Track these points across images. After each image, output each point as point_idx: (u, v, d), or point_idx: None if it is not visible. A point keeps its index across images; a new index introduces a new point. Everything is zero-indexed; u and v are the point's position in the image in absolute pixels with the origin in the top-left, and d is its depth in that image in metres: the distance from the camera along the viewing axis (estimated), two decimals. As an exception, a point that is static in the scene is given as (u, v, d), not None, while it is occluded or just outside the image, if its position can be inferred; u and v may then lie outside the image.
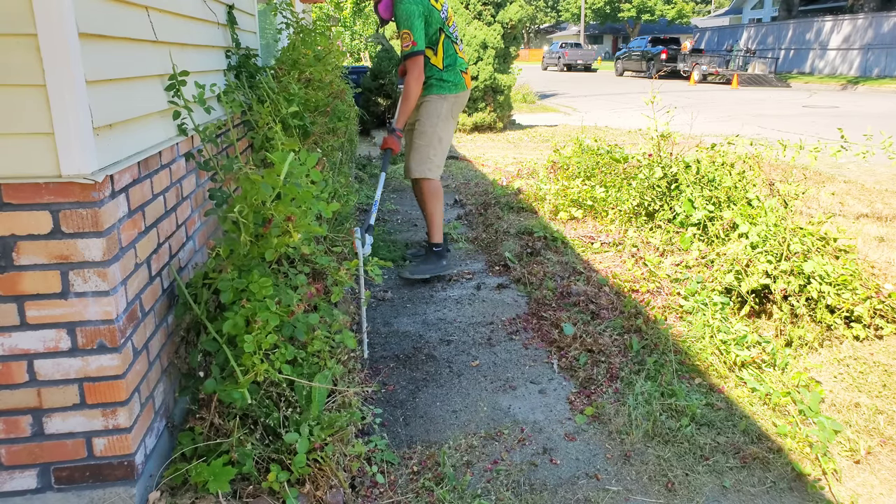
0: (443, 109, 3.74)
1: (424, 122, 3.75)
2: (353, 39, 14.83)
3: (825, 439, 2.17)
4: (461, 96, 3.81)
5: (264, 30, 3.92)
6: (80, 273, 1.53)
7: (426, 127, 3.74)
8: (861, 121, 10.77)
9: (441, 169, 3.82)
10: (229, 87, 2.73)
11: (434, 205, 3.80)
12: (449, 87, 3.73)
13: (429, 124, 3.74)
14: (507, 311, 3.36)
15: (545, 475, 2.10)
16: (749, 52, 27.75)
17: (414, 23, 3.48)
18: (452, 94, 3.75)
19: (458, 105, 3.83)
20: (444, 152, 3.81)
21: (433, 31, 3.63)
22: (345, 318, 2.30)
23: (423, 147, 3.74)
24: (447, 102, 3.75)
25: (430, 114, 3.74)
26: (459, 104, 3.84)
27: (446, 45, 3.69)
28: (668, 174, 4.37)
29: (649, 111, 4.72)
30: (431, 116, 3.74)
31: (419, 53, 3.52)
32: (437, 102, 3.74)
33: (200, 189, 2.38)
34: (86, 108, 1.47)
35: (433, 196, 3.79)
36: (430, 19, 3.58)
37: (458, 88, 3.76)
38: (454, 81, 3.73)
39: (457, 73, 3.74)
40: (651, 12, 50.74)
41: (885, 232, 4.57)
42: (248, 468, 1.78)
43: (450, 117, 3.79)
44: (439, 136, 3.75)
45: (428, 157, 3.74)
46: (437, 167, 3.79)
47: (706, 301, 3.13)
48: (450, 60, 3.71)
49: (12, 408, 1.58)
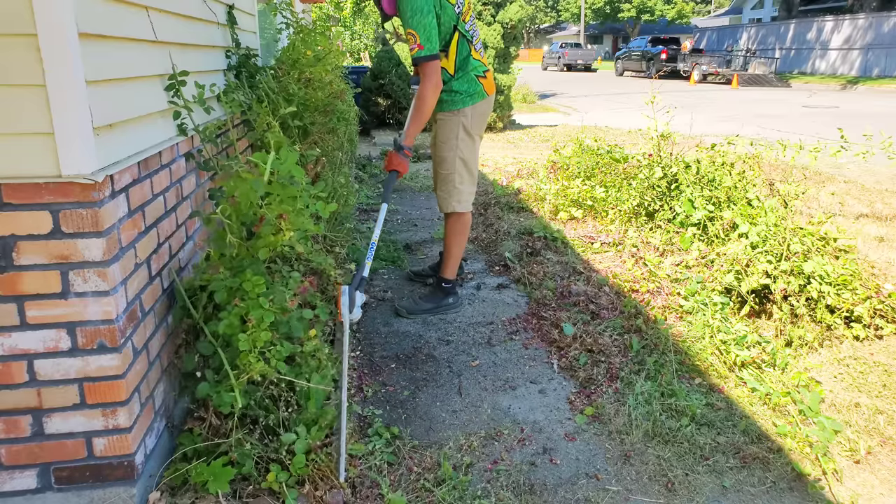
0: (459, 128, 3.17)
1: (441, 147, 3.23)
2: (353, 39, 14.84)
3: (825, 439, 2.17)
4: (480, 106, 3.20)
5: (264, 30, 3.92)
6: (80, 273, 1.53)
7: (444, 152, 3.22)
8: (861, 121, 10.76)
9: (472, 197, 3.32)
10: (229, 87, 2.73)
11: (456, 241, 3.33)
12: (462, 100, 3.14)
13: (447, 148, 3.21)
14: (507, 311, 3.36)
15: (545, 475, 2.10)
16: (749, 52, 27.77)
17: (422, 21, 2.87)
18: (468, 107, 3.15)
19: (480, 117, 3.22)
20: (472, 177, 3.29)
21: (446, 29, 3.02)
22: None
23: (447, 176, 3.24)
24: (464, 118, 3.16)
25: (446, 136, 3.20)
26: (480, 115, 3.23)
27: (460, 45, 3.08)
28: (668, 174, 4.37)
29: (649, 111, 4.72)
30: (449, 138, 3.19)
31: (431, 58, 2.90)
32: (451, 120, 3.17)
33: (200, 189, 2.38)
34: (86, 108, 1.47)
35: (457, 233, 3.32)
36: (442, 15, 2.97)
37: (474, 98, 3.15)
38: (468, 91, 3.13)
39: (471, 79, 3.14)
40: (651, 12, 50.75)
41: (885, 232, 4.57)
42: (248, 468, 1.78)
43: (470, 134, 3.21)
44: (462, 159, 3.22)
45: (454, 188, 3.24)
46: (467, 196, 3.29)
47: (706, 301, 3.13)
48: (461, 63, 3.11)
49: (12, 408, 1.58)
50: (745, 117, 12.11)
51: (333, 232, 3.46)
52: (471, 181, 3.29)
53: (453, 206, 3.27)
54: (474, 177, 3.31)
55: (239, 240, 1.94)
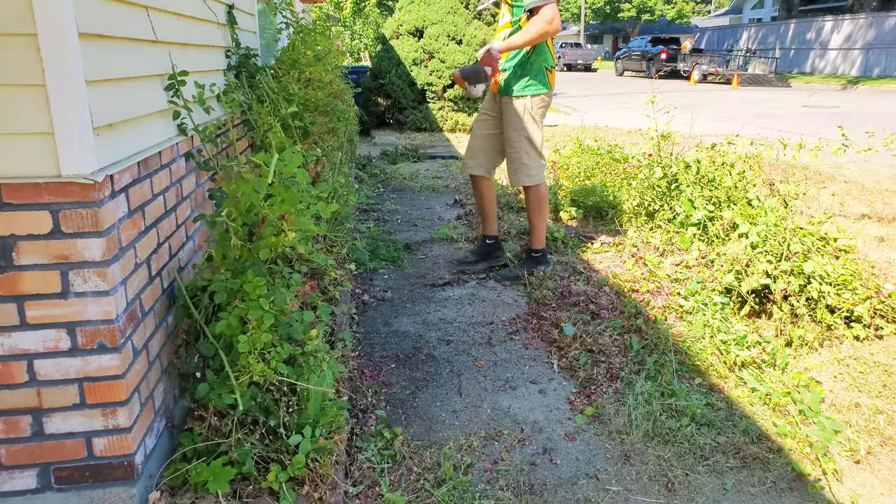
0: (525, 113, 3.50)
1: (507, 128, 3.56)
2: (353, 39, 14.84)
3: (825, 439, 2.17)
4: (546, 98, 3.55)
5: (264, 30, 3.92)
6: (80, 273, 1.53)
7: (510, 132, 3.55)
8: (862, 120, 10.76)
9: (543, 170, 3.63)
10: (229, 87, 2.73)
11: (535, 213, 3.66)
12: (535, 86, 3.49)
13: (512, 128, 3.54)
14: (507, 311, 3.36)
15: (545, 475, 2.10)
16: (749, 52, 27.76)
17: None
18: (539, 95, 3.50)
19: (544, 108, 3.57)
20: (539, 154, 3.58)
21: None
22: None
23: (513, 155, 3.58)
24: (532, 102, 3.50)
25: (509, 118, 3.52)
26: (545, 107, 3.56)
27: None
28: (668, 174, 4.37)
29: (649, 111, 4.72)
30: (513, 120, 3.52)
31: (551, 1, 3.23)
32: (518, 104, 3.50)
33: (200, 189, 2.38)
34: (86, 108, 1.46)
35: (534, 204, 3.65)
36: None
37: (542, 88, 3.49)
38: (541, 80, 3.49)
39: (541, 70, 3.47)
40: (651, 12, 50.75)
41: (886, 232, 4.57)
42: (248, 468, 1.78)
43: (536, 120, 3.54)
44: (528, 138, 3.54)
45: (522, 164, 3.58)
46: (536, 170, 3.58)
47: (706, 301, 3.13)
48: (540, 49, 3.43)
49: (12, 408, 1.58)
50: (745, 117, 12.10)
51: (333, 232, 3.46)
52: (538, 157, 3.59)
53: (522, 180, 3.61)
54: (542, 155, 3.62)
55: (241, 241, 1.94)
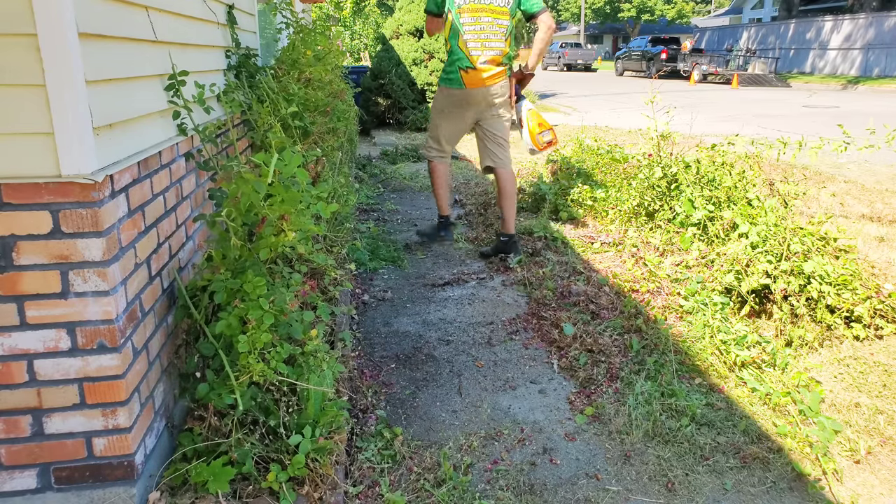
0: (435, 100, 4.16)
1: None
2: (353, 39, 14.83)
3: (825, 439, 2.17)
4: (455, 93, 3.94)
5: (264, 29, 3.92)
6: (80, 273, 1.53)
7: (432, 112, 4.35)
8: (862, 120, 10.71)
9: (435, 153, 4.16)
10: (229, 87, 2.73)
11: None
12: (442, 78, 3.99)
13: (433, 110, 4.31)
14: (507, 311, 3.36)
15: (545, 475, 2.10)
16: (749, 52, 27.74)
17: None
18: (444, 87, 3.99)
19: (452, 103, 4.01)
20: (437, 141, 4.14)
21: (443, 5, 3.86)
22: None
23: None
24: (440, 93, 4.06)
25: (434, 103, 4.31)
26: (453, 102, 4.00)
27: (452, 30, 3.82)
28: (668, 174, 4.37)
29: (649, 111, 4.72)
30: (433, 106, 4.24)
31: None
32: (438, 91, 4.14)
33: (200, 189, 2.38)
34: (86, 108, 1.46)
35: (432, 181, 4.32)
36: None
37: (451, 84, 3.92)
38: (447, 73, 3.92)
39: (453, 65, 3.87)
40: (651, 12, 50.71)
41: (886, 232, 4.57)
42: (248, 468, 1.78)
43: (441, 111, 4.08)
44: (435, 123, 4.15)
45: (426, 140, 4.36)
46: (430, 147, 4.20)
47: (706, 301, 3.13)
48: (450, 47, 3.86)
49: (12, 408, 1.58)
50: (744, 117, 12.10)
51: (333, 232, 3.46)
52: (434, 141, 4.15)
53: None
54: (440, 143, 4.13)
55: (241, 241, 1.94)
